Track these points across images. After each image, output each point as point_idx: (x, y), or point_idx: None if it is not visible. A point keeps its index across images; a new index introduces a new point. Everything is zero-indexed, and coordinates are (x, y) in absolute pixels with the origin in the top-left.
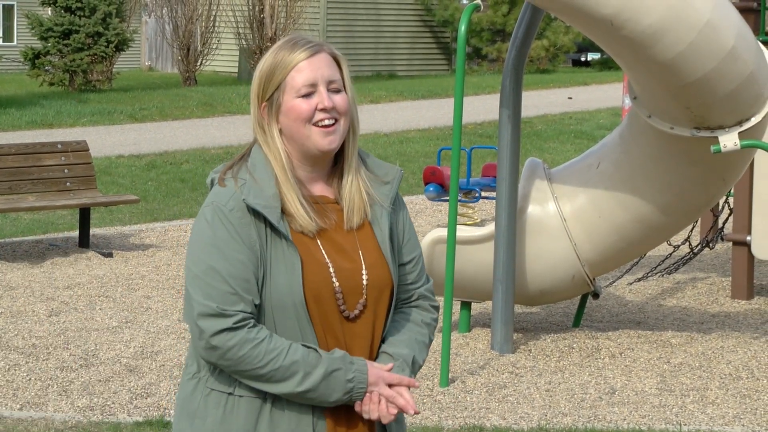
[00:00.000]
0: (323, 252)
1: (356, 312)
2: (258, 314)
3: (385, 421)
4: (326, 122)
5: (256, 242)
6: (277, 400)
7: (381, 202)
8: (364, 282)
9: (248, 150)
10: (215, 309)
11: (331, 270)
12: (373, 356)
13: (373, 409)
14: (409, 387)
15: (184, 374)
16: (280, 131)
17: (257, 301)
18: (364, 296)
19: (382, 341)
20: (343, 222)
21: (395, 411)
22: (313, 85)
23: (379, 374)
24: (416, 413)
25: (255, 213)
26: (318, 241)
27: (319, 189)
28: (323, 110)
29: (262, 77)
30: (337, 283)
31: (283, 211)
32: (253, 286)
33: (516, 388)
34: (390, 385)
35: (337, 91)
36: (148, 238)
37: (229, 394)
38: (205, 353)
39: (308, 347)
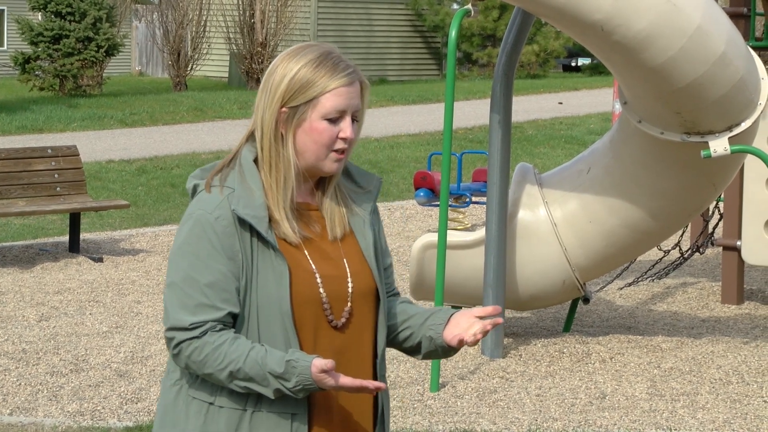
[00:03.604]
0: (310, 260)
1: (343, 320)
2: (241, 323)
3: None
4: (341, 149)
5: (238, 252)
6: (257, 410)
7: (360, 212)
8: (350, 290)
9: (236, 154)
10: (187, 324)
11: (318, 278)
12: (370, 367)
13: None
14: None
15: (166, 380)
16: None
17: (237, 311)
18: (349, 304)
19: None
20: (326, 231)
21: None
22: (343, 112)
23: (320, 376)
24: (378, 388)
25: (242, 222)
26: (304, 249)
27: (302, 196)
28: (343, 139)
29: (294, 85)
30: (323, 292)
31: (270, 219)
32: (233, 296)
33: (506, 392)
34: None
35: (355, 120)
36: (138, 243)
37: (210, 403)
38: (175, 359)
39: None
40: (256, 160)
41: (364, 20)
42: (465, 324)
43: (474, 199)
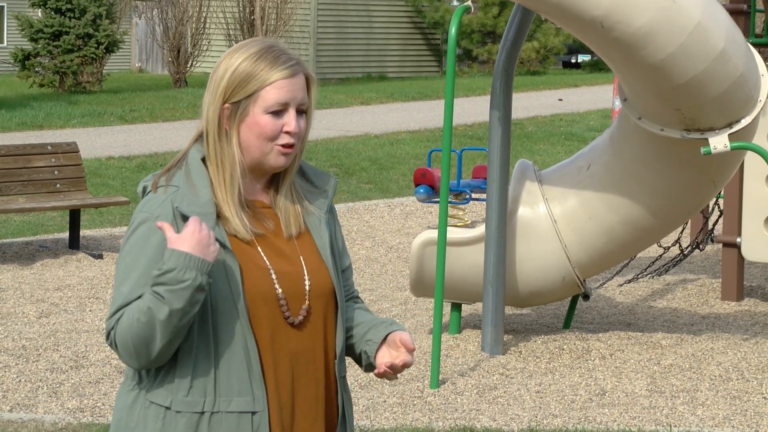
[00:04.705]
0: (263, 257)
1: (300, 318)
2: (197, 322)
3: None
4: (287, 144)
5: None
6: (215, 411)
7: (316, 211)
8: (307, 287)
9: (184, 154)
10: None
11: (273, 275)
12: (329, 367)
13: None
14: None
15: (124, 385)
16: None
17: None
18: (307, 302)
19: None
20: (281, 229)
21: None
22: (285, 105)
23: (185, 237)
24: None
25: (186, 219)
26: (258, 246)
27: (255, 194)
28: (288, 133)
29: (234, 79)
30: (279, 289)
31: (219, 215)
32: None
33: (506, 389)
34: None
35: (302, 114)
36: None
37: (167, 408)
38: (120, 356)
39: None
40: (205, 159)
41: (364, 17)
42: (395, 352)
43: (474, 195)
